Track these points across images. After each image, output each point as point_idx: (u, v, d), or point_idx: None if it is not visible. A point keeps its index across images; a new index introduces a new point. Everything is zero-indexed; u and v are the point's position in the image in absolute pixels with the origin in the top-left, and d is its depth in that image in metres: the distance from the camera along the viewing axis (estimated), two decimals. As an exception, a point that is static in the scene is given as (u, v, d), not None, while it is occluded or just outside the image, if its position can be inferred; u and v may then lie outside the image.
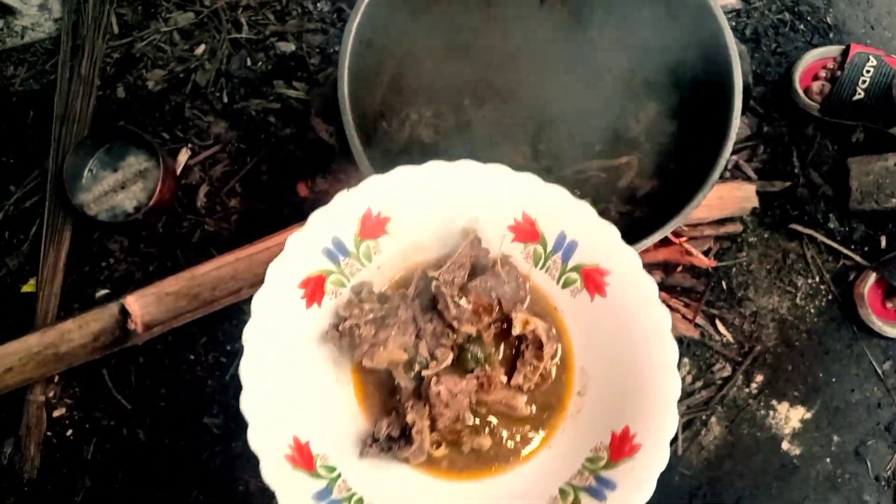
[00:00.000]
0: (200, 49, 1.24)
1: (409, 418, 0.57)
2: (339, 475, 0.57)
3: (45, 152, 1.19)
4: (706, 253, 1.15)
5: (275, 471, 0.52)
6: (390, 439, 0.59)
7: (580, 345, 0.64)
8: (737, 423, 1.13)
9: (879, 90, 1.14)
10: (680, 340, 1.14)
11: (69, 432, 1.11)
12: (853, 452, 1.13)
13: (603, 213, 0.62)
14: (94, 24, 1.24)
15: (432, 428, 0.59)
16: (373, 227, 0.62)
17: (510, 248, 0.65)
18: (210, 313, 1.08)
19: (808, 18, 1.29)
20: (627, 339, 0.60)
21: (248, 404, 0.53)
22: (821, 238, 1.18)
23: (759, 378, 1.14)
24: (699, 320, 1.14)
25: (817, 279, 1.18)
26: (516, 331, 0.63)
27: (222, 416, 1.11)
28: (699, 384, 1.13)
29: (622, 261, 0.61)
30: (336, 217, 0.60)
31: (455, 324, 0.62)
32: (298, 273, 0.59)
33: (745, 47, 1.21)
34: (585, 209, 0.61)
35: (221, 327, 1.13)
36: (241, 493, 1.09)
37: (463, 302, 0.61)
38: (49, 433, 1.11)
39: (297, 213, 1.12)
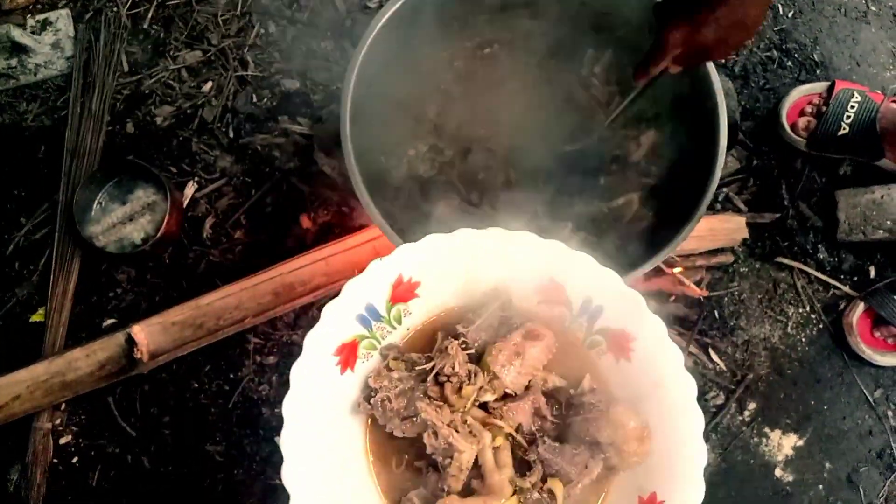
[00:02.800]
0: (207, 86, 1.28)
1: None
2: None
3: (55, 185, 1.22)
4: (698, 283, 1.17)
5: None
6: None
7: None
8: (730, 450, 1.15)
9: (864, 125, 1.18)
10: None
11: (75, 459, 1.13)
12: (846, 479, 1.15)
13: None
14: (105, 62, 1.29)
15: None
16: (404, 291, 0.63)
17: (536, 310, 0.66)
18: (214, 342, 1.11)
19: (796, 55, 1.33)
20: (652, 405, 0.60)
21: (290, 478, 0.55)
22: (809, 270, 1.21)
23: (752, 406, 1.16)
24: (692, 349, 1.17)
25: (808, 308, 1.21)
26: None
27: (225, 443, 1.13)
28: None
29: (648, 327, 0.61)
30: (369, 285, 0.61)
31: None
32: (334, 341, 0.61)
33: (733, 84, 1.26)
34: (612, 276, 0.62)
35: (225, 356, 1.15)
36: (243, 519, 1.10)
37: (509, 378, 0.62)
38: (55, 460, 1.13)
39: (300, 245, 1.15)
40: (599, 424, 0.59)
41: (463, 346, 0.63)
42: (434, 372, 0.62)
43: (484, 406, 0.62)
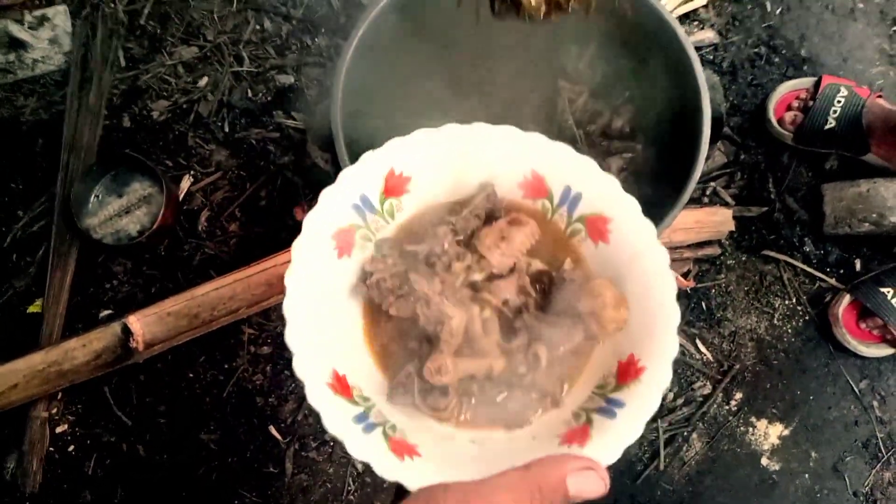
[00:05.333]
0: (203, 81, 1.30)
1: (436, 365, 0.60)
2: (374, 405, 0.60)
3: (53, 179, 1.24)
4: (686, 275, 1.19)
5: (319, 395, 0.55)
6: (423, 390, 0.61)
7: None
8: (717, 439, 1.16)
9: (850, 119, 1.20)
10: (662, 359, 1.18)
11: (71, 448, 1.15)
12: (831, 468, 1.17)
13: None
14: (102, 57, 1.30)
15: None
16: (395, 185, 0.66)
17: (520, 203, 0.69)
18: (209, 332, 1.13)
19: (783, 52, 1.35)
20: (629, 279, 0.63)
21: (293, 338, 0.57)
22: (796, 262, 1.23)
23: (739, 395, 1.18)
24: (680, 339, 1.18)
25: (794, 300, 1.23)
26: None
27: (219, 432, 1.15)
28: (680, 401, 1.17)
29: (623, 208, 0.64)
30: (363, 175, 0.64)
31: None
32: (331, 225, 0.63)
33: (721, 79, 1.28)
34: (588, 163, 0.65)
35: (220, 346, 1.17)
36: (237, 507, 1.12)
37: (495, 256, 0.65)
38: (51, 449, 1.14)
39: (293, 237, 1.16)
40: (579, 296, 0.63)
41: (452, 232, 0.67)
42: (425, 253, 0.66)
43: (472, 287, 0.66)
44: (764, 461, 1.16)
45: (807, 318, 1.22)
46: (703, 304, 1.21)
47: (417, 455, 0.56)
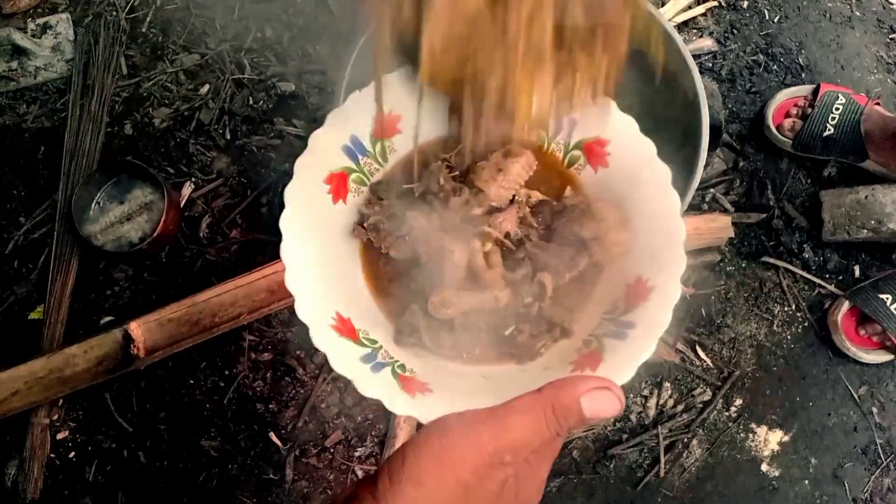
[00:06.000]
0: (205, 89, 1.31)
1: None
2: (381, 346, 0.59)
3: (54, 185, 1.24)
4: (685, 281, 1.20)
5: (324, 337, 0.54)
6: (429, 328, 0.60)
7: None
8: (717, 445, 1.16)
9: (848, 126, 1.20)
10: (661, 365, 1.18)
11: (72, 454, 1.15)
12: (831, 475, 1.17)
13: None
14: (104, 65, 1.31)
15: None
16: (387, 125, 0.64)
17: (515, 136, 0.66)
18: (210, 339, 1.13)
19: (782, 59, 1.36)
20: (631, 201, 0.61)
21: (293, 282, 0.55)
22: (795, 269, 1.23)
23: (739, 402, 1.18)
24: (679, 346, 1.19)
25: (793, 307, 1.23)
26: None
27: (219, 438, 1.15)
28: (680, 408, 1.17)
29: (619, 128, 0.62)
30: (352, 114, 0.62)
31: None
32: (323, 169, 0.61)
33: (720, 87, 1.28)
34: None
35: (220, 352, 1.17)
36: (237, 513, 1.12)
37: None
38: (52, 455, 1.14)
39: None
40: (582, 222, 0.61)
41: (447, 168, 0.65)
42: (422, 191, 0.64)
43: (472, 222, 0.64)
44: (764, 467, 1.16)
45: (806, 324, 1.22)
46: (703, 311, 1.21)
47: (429, 391, 0.55)
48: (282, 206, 0.59)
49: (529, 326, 0.61)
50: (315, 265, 0.59)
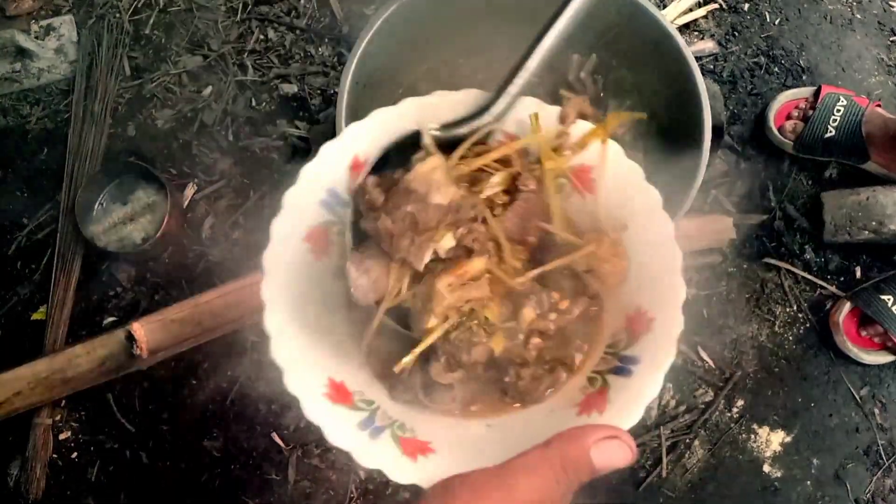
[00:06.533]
0: (207, 90, 1.31)
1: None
2: (378, 407, 0.56)
3: (58, 186, 1.25)
4: (687, 282, 1.20)
5: (316, 408, 0.51)
6: (426, 385, 0.57)
7: None
8: (719, 446, 1.17)
9: (849, 128, 1.21)
10: (663, 366, 1.18)
11: (74, 455, 1.15)
12: (833, 476, 1.17)
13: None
14: (107, 66, 1.32)
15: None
16: (361, 172, 0.61)
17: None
18: (212, 340, 1.13)
19: (783, 62, 1.36)
20: (621, 227, 0.58)
21: (279, 353, 0.53)
22: (796, 270, 1.24)
23: (740, 403, 1.19)
24: (681, 346, 1.19)
25: (795, 308, 1.23)
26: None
27: (222, 439, 1.15)
28: (682, 408, 1.17)
29: (605, 153, 0.59)
30: (326, 168, 0.59)
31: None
32: (300, 227, 0.58)
33: (721, 89, 1.29)
34: (555, 111, 0.60)
35: (223, 353, 1.17)
36: (240, 514, 1.12)
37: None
38: (55, 455, 1.15)
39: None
40: (572, 255, 0.58)
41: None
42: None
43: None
44: (766, 468, 1.16)
45: (808, 325, 1.23)
46: (705, 312, 1.21)
47: (431, 451, 0.53)
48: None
49: (531, 370, 0.58)
50: (302, 329, 0.56)
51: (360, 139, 0.60)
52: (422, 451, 0.52)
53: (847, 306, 1.19)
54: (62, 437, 1.15)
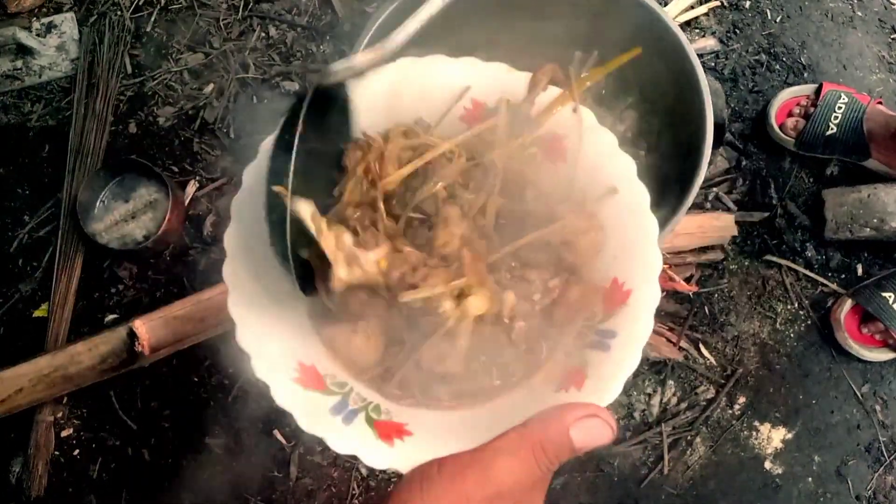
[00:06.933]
0: (209, 88, 1.31)
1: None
2: (352, 389, 0.54)
3: (59, 184, 1.25)
4: (689, 279, 1.20)
5: (287, 394, 0.49)
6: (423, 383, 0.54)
7: None
8: (721, 443, 1.17)
9: (851, 125, 1.21)
10: (665, 363, 1.18)
11: (76, 452, 1.15)
12: (834, 472, 1.17)
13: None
14: (109, 64, 1.32)
15: None
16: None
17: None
18: (214, 336, 1.13)
19: (784, 59, 1.36)
20: (596, 197, 0.56)
21: (245, 338, 0.51)
22: (798, 267, 1.24)
23: (742, 400, 1.19)
24: (683, 344, 1.19)
25: (796, 305, 1.23)
26: None
27: (224, 436, 1.15)
28: (684, 405, 1.18)
29: (576, 120, 0.57)
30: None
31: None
32: (261, 204, 0.54)
33: (722, 85, 1.29)
34: (524, 77, 0.59)
35: (224, 350, 1.17)
36: (242, 511, 1.12)
37: None
38: (57, 452, 1.15)
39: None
40: (547, 227, 0.56)
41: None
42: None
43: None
44: (767, 465, 1.16)
45: (809, 322, 1.23)
46: (706, 309, 1.21)
47: (408, 434, 0.51)
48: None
49: (509, 355, 0.56)
50: (268, 312, 0.54)
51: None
52: (398, 434, 0.51)
53: (848, 303, 1.19)
54: (64, 434, 1.15)
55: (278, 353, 0.53)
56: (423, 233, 0.55)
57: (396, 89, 0.59)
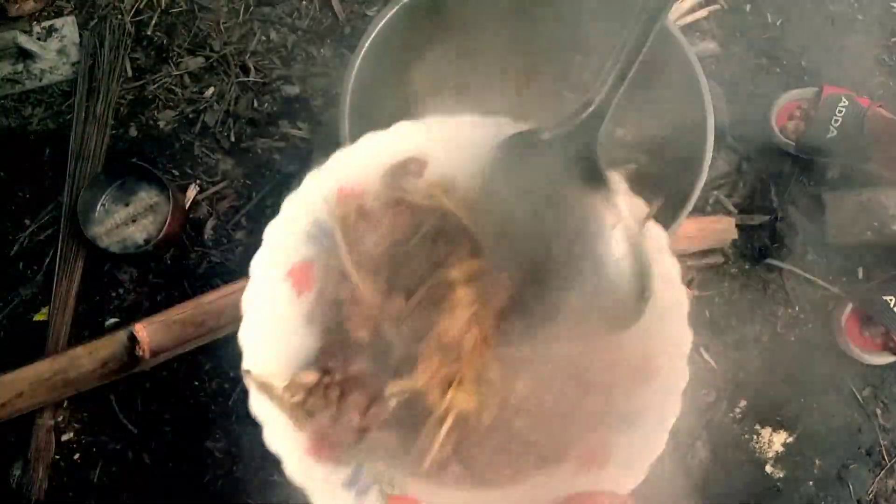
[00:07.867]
0: (210, 91, 1.31)
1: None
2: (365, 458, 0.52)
3: (59, 188, 1.25)
4: (689, 283, 1.20)
5: (302, 468, 0.48)
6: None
7: None
8: (721, 446, 1.16)
9: (852, 129, 1.21)
10: (666, 367, 1.18)
11: (76, 456, 1.15)
12: (835, 476, 1.17)
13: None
14: (109, 67, 1.32)
15: None
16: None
17: None
18: (215, 340, 1.13)
19: (784, 63, 1.36)
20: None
21: (257, 406, 0.50)
22: (798, 271, 1.24)
23: (743, 403, 1.18)
24: (684, 347, 1.19)
25: (797, 308, 1.23)
26: None
27: (225, 440, 1.15)
28: (684, 408, 1.17)
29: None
30: (311, 199, 0.56)
31: None
32: (284, 264, 0.54)
33: (722, 89, 1.29)
34: (505, 123, 0.59)
35: (225, 354, 1.17)
36: (242, 515, 1.12)
37: None
38: (57, 456, 1.14)
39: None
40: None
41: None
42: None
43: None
44: (768, 469, 1.16)
45: (810, 325, 1.23)
46: (707, 312, 1.21)
47: None
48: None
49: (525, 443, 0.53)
50: (280, 379, 0.52)
51: (347, 166, 0.56)
52: None
53: (849, 307, 1.19)
54: (64, 438, 1.15)
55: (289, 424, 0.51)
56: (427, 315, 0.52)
57: (422, 146, 0.58)
